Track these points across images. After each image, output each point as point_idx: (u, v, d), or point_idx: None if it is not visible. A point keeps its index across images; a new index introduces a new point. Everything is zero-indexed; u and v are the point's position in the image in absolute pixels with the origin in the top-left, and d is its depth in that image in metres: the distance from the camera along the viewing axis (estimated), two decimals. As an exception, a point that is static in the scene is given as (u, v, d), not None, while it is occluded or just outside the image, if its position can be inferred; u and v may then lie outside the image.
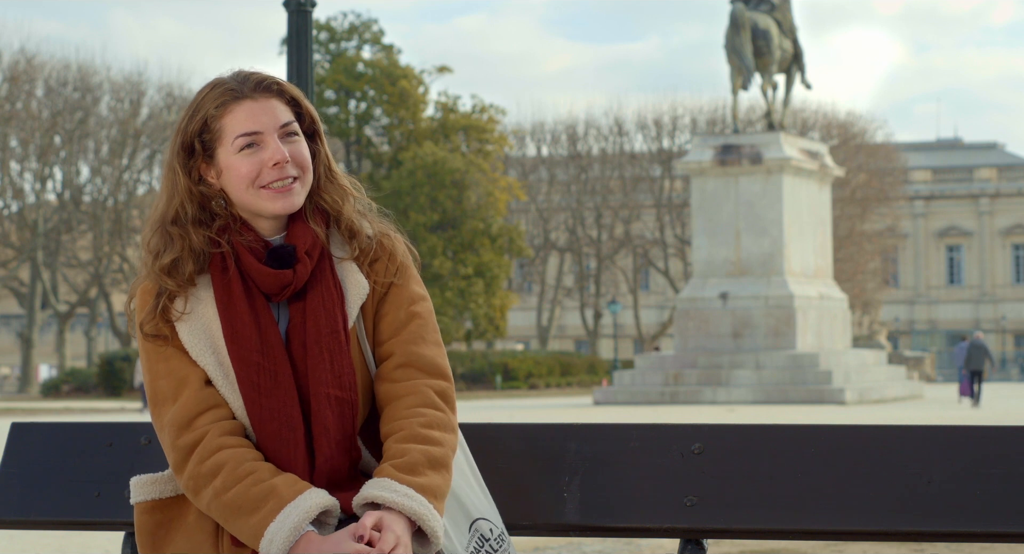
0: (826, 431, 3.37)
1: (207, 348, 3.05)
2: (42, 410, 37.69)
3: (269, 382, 3.03)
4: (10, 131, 54.96)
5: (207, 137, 3.08)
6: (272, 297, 3.09)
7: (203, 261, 3.09)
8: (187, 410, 3.01)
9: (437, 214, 55.64)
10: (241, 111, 3.06)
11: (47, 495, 3.58)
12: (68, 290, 62.29)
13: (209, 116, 3.07)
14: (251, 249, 3.08)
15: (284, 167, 3.06)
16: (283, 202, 3.07)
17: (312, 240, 3.10)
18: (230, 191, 3.09)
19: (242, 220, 3.11)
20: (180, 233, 3.08)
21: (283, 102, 3.11)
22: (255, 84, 3.09)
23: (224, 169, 3.08)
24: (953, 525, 3.23)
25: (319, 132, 3.18)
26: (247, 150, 3.06)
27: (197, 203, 3.10)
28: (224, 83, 3.10)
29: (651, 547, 8.87)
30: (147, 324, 3.08)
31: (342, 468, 3.04)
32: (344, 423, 3.04)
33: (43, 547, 9.19)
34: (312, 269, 3.09)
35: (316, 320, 3.06)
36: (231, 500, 2.93)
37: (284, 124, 3.09)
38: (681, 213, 67.60)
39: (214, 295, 3.07)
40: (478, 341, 60.92)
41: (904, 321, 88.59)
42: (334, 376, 3.04)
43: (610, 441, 3.43)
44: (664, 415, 28.71)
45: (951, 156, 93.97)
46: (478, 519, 3.11)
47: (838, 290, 43.28)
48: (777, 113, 42.38)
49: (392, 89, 59.38)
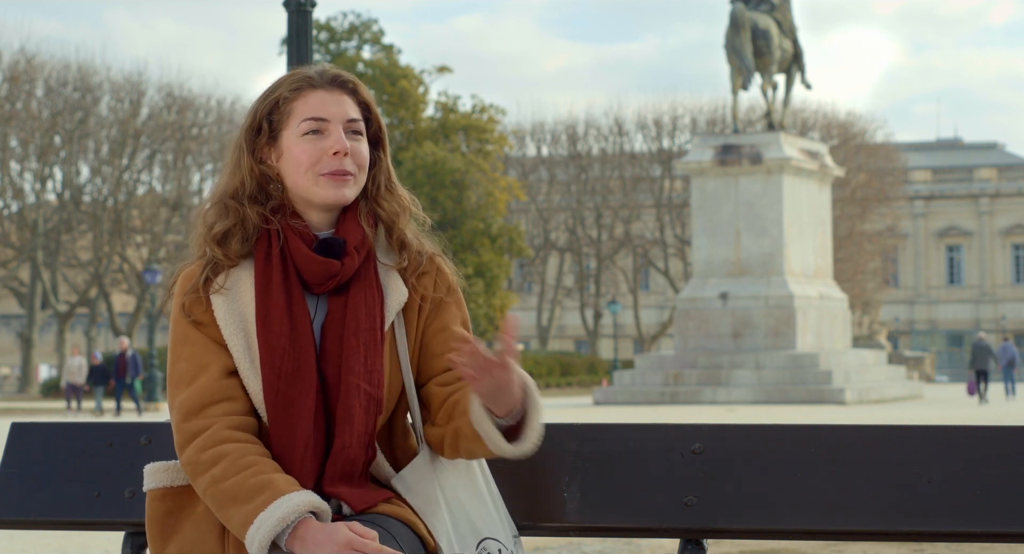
0: (826, 431, 3.37)
1: (239, 328, 3.07)
2: (42, 410, 37.71)
3: (291, 368, 3.04)
4: (10, 131, 54.95)
5: (275, 117, 3.14)
6: (314, 288, 3.11)
7: (252, 240, 3.12)
8: (200, 396, 3.03)
9: (437, 214, 55.66)
10: (314, 97, 3.13)
11: (47, 495, 3.58)
12: (68, 290, 62.28)
13: (281, 98, 3.13)
14: (301, 235, 3.11)
15: (343, 159, 3.10)
16: (336, 191, 3.10)
17: (362, 237, 3.13)
18: (287, 175, 3.13)
19: (294, 209, 3.15)
20: (236, 206, 3.12)
21: (355, 101, 3.17)
22: (332, 77, 3.16)
23: (285, 150, 3.12)
24: (953, 525, 3.23)
25: (384, 142, 3.22)
26: (311, 136, 3.11)
27: (257, 182, 3.15)
28: (304, 72, 3.18)
29: (651, 547, 8.87)
30: (189, 296, 3.10)
31: (358, 460, 3.04)
32: (368, 417, 3.05)
33: (43, 547, 9.19)
34: (358, 267, 3.12)
35: (356, 315, 3.08)
36: (227, 488, 2.94)
37: (351, 119, 3.14)
38: (681, 213, 67.59)
39: (254, 278, 3.10)
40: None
41: (904, 321, 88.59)
42: (366, 370, 3.06)
43: (610, 441, 3.43)
44: (664, 415, 28.70)
45: (951, 156, 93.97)
46: (486, 538, 3.12)
47: (838, 290, 43.28)
48: (777, 113, 42.38)
49: (392, 89, 59.36)
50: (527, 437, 3.03)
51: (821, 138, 66.69)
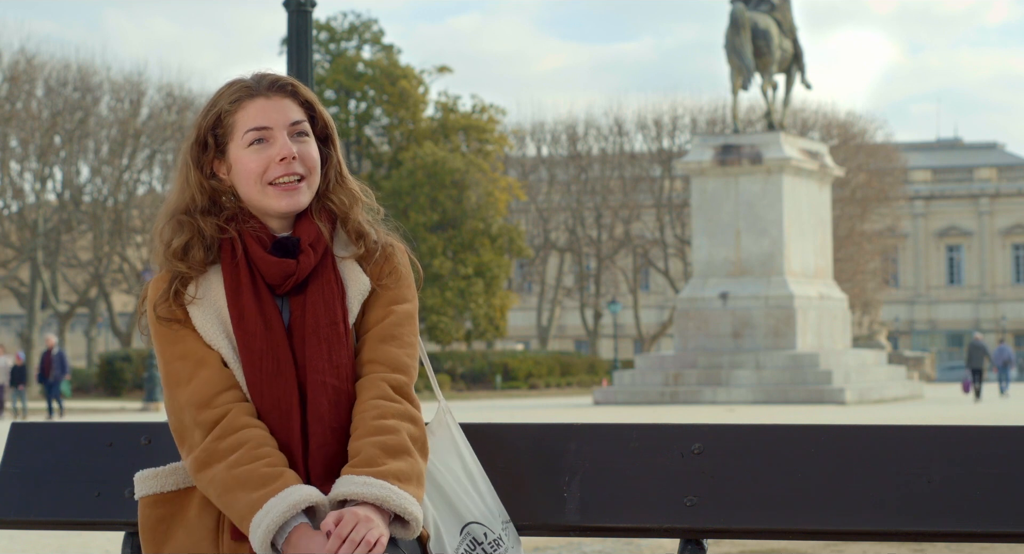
0: (826, 431, 3.37)
1: (220, 332, 3.10)
2: (42, 410, 37.66)
3: (272, 368, 3.07)
4: (10, 131, 54.92)
5: (220, 132, 3.15)
6: (276, 289, 3.13)
7: (213, 249, 3.14)
8: (208, 388, 3.05)
9: (437, 214, 55.62)
10: (253, 107, 3.13)
11: (47, 495, 3.59)
12: (68, 290, 62.28)
13: (223, 111, 3.14)
14: (258, 238, 3.13)
15: (291, 163, 3.11)
16: (288, 200, 3.12)
17: (316, 234, 3.15)
18: (239, 186, 3.15)
19: (250, 214, 3.16)
20: (190, 220, 3.14)
21: (296, 103, 3.17)
22: (270, 83, 3.16)
23: (234, 163, 3.14)
24: (953, 525, 3.23)
25: (332, 137, 3.23)
26: (256, 146, 3.12)
27: (208, 197, 3.16)
28: (241, 81, 3.17)
29: (651, 547, 8.87)
30: (160, 307, 3.12)
31: (337, 455, 3.05)
32: (339, 411, 3.07)
33: (43, 547, 9.19)
34: (315, 264, 3.13)
35: (315, 312, 3.10)
36: (241, 474, 2.95)
37: (294, 122, 3.14)
38: (681, 213, 67.59)
39: (224, 281, 3.12)
40: (478, 341, 60.91)
41: (904, 321, 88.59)
42: (332, 366, 3.08)
43: (610, 441, 3.43)
44: (664, 415, 28.71)
45: (951, 156, 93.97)
46: (471, 523, 3.15)
47: (838, 290, 43.27)
48: (777, 113, 42.37)
49: (392, 89, 59.34)
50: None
51: (821, 138, 66.68)
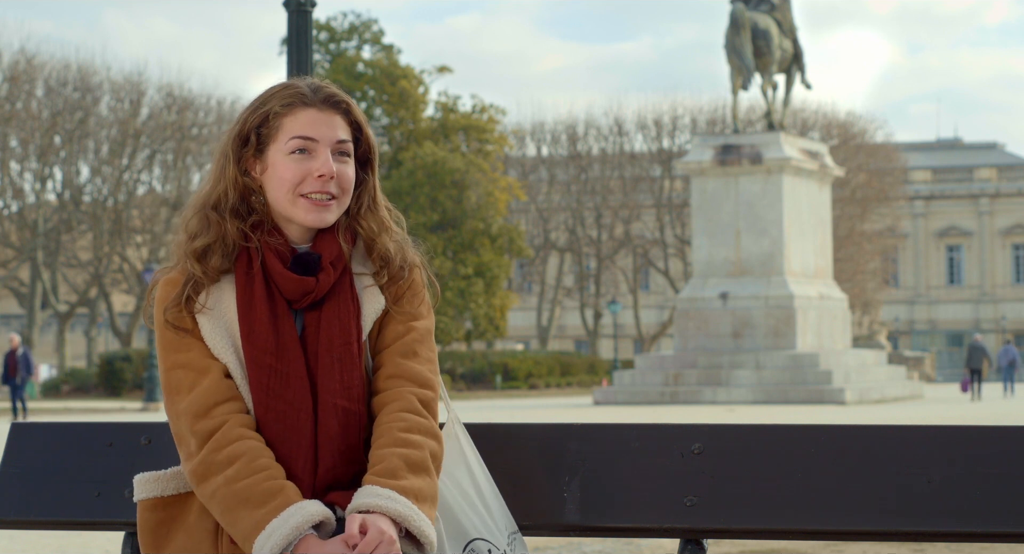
0: (826, 431, 3.37)
1: (228, 345, 3.08)
2: (42, 410, 37.68)
3: (279, 385, 3.05)
4: (10, 131, 54.92)
5: (264, 131, 3.12)
6: (292, 304, 3.11)
7: (231, 257, 3.12)
8: (206, 398, 3.03)
9: (437, 214, 55.61)
10: (304, 116, 3.11)
11: (47, 495, 3.58)
12: (68, 290, 62.26)
13: (272, 112, 3.12)
14: (278, 253, 3.12)
15: (328, 182, 3.10)
16: (316, 215, 3.10)
17: (338, 252, 3.13)
18: (269, 190, 3.13)
19: (273, 222, 3.14)
20: (218, 219, 3.12)
21: (346, 122, 3.15)
22: (326, 96, 3.14)
23: (271, 166, 3.12)
24: (953, 525, 3.23)
25: (373, 162, 3.21)
26: (298, 155, 3.10)
27: (239, 193, 3.14)
28: (296, 87, 3.15)
29: (651, 547, 8.87)
30: (170, 311, 3.10)
31: (344, 478, 3.05)
32: (348, 434, 3.06)
33: (43, 547, 9.19)
34: (333, 282, 3.12)
35: (329, 330, 3.09)
36: (240, 490, 2.94)
37: (340, 141, 3.12)
38: (681, 213, 67.58)
39: (236, 294, 3.10)
40: (478, 341, 60.90)
41: (904, 321, 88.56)
42: (343, 387, 3.07)
43: (610, 441, 3.43)
44: (664, 415, 28.70)
45: (951, 156, 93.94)
46: (475, 539, 3.13)
47: (838, 290, 43.27)
48: (777, 113, 42.37)
49: (392, 89, 59.33)
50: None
51: (821, 138, 66.67)
